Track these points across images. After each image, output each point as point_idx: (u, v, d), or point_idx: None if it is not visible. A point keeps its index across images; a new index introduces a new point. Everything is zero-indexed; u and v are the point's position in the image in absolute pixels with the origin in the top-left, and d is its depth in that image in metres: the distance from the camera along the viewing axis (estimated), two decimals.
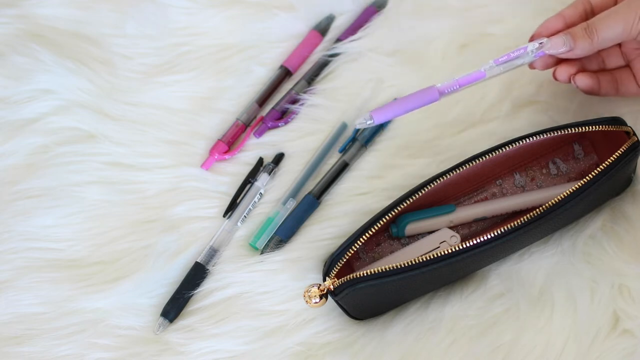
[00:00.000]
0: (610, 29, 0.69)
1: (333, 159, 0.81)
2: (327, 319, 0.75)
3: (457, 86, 0.71)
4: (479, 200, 0.77)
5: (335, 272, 0.70)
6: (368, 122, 0.69)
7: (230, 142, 0.82)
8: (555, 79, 0.74)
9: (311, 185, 0.80)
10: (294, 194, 0.80)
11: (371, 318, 0.75)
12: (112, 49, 0.86)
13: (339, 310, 0.74)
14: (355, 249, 0.70)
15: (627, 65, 0.75)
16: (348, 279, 0.68)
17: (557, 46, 0.70)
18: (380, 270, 0.67)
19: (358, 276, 0.67)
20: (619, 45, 0.75)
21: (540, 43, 0.71)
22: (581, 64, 0.74)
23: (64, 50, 0.85)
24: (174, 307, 0.76)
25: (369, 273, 0.67)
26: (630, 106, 0.79)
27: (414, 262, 0.67)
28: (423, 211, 0.75)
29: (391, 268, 0.67)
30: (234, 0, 0.87)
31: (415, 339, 0.73)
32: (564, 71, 0.73)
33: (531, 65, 0.74)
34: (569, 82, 0.73)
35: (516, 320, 0.72)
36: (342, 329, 0.74)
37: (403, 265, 0.67)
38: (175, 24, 0.87)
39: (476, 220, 0.76)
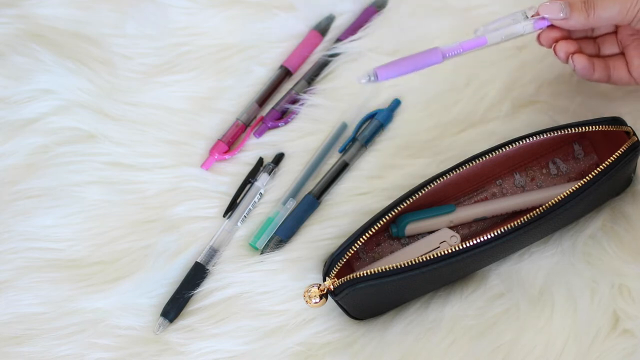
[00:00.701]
0: (607, 9, 0.70)
1: (333, 159, 0.81)
2: (327, 319, 0.75)
3: (460, 50, 0.71)
4: (479, 200, 0.77)
5: (335, 272, 0.70)
6: (371, 79, 0.69)
7: (230, 142, 0.82)
8: (555, 53, 0.74)
9: (311, 185, 0.80)
10: (294, 194, 0.80)
11: (371, 318, 0.75)
12: (112, 49, 0.86)
13: (339, 310, 0.74)
14: (355, 249, 0.70)
15: (621, 53, 0.76)
16: (348, 279, 0.68)
17: (554, 11, 0.71)
18: (380, 270, 0.67)
19: (358, 276, 0.67)
20: (615, 33, 0.76)
21: (530, 8, 0.72)
22: (579, 46, 0.75)
23: (64, 50, 0.85)
24: (174, 307, 0.76)
25: (369, 273, 0.67)
26: (630, 106, 0.79)
27: (414, 262, 0.67)
28: (423, 211, 0.75)
29: (391, 268, 0.67)
30: (234, 0, 0.87)
31: (415, 339, 0.73)
32: (563, 47, 0.73)
33: (538, 40, 0.74)
34: (567, 60, 0.73)
35: (516, 320, 0.72)
36: (342, 329, 0.74)
37: (403, 265, 0.67)
38: (175, 24, 0.87)
39: (476, 220, 0.76)
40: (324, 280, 0.70)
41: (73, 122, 0.83)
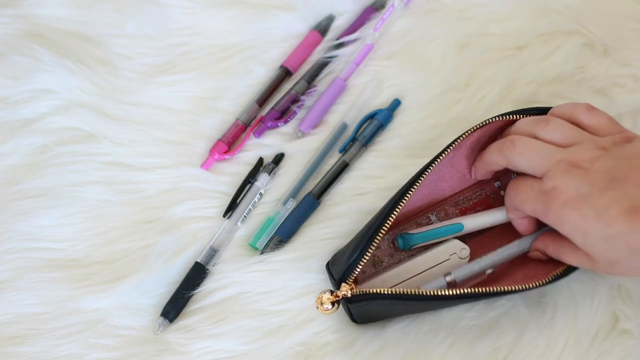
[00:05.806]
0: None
1: (333, 159, 0.81)
2: (327, 319, 0.75)
3: None
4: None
5: (352, 279, 0.68)
6: None
7: (230, 142, 0.82)
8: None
9: (311, 185, 0.80)
10: (294, 194, 0.80)
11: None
12: (112, 49, 0.86)
13: (340, 310, 0.73)
14: (369, 253, 0.68)
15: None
16: (368, 292, 0.66)
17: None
18: (404, 292, 0.66)
19: (379, 292, 0.66)
20: None
21: None
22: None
23: (64, 50, 0.85)
24: (174, 307, 0.76)
25: (392, 292, 0.66)
26: (630, 106, 0.79)
27: (442, 294, 0.65)
28: (431, 232, 0.73)
29: (418, 293, 0.65)
30: (234, 0, 0.87)
31: (415, 339, 0.73)
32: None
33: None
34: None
35: (516, 321, 0.72)
36: (341, 328, 0.74)
37: (430, 294, 0.65)
38: (175, 24, 0.87)
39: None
40: (338, 284, 0.69)
41: (73, 122, 0.83)
